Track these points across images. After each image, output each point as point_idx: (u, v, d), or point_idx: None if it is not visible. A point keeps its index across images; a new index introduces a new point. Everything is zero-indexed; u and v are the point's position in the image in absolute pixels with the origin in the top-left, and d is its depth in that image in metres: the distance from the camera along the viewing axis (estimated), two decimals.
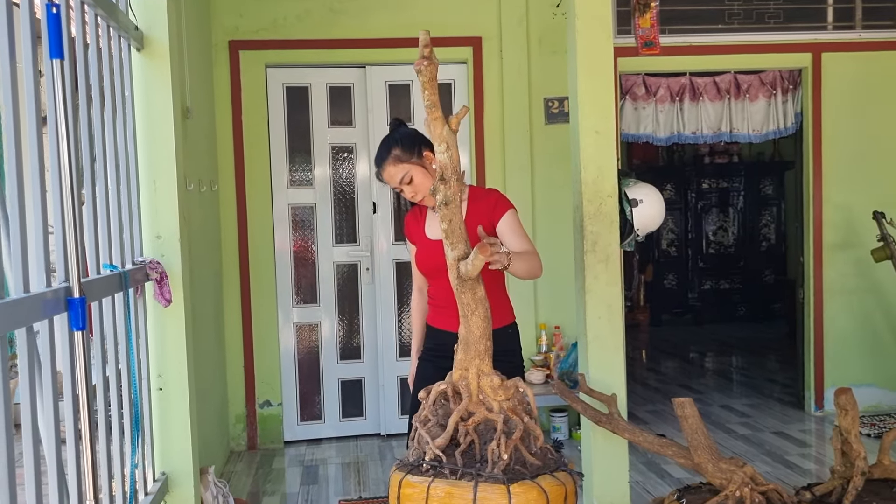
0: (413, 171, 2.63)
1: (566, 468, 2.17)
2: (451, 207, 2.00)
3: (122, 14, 2.76)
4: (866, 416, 5.04)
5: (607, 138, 3.24)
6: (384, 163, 2.66)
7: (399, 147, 2.64)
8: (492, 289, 2.68)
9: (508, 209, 2.66)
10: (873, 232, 4.91)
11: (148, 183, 3.04)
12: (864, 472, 2.75)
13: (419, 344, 2.89)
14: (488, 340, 2.15)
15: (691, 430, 2.83)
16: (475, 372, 2.15)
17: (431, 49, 1.91)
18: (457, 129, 2.01)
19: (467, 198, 2.73)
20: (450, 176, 1.99)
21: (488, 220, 2.65)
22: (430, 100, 1.94)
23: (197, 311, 3.67)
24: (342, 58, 4.94)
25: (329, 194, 5.04)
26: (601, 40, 3.24)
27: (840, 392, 2.86)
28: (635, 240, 3.41)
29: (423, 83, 1.93)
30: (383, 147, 2.69)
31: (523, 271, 2.49)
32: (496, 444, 2.03)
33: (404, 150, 2.63)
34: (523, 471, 2.05)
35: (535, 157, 5.05)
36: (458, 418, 2.12)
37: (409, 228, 2.83)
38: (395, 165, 2.63)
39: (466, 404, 2.14)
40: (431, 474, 2.06)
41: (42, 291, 1.90)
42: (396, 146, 2.64)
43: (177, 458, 3.11)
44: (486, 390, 2.13)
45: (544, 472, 2.08)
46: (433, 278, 2.73)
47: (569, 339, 4.94)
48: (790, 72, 5.28)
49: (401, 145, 2.64)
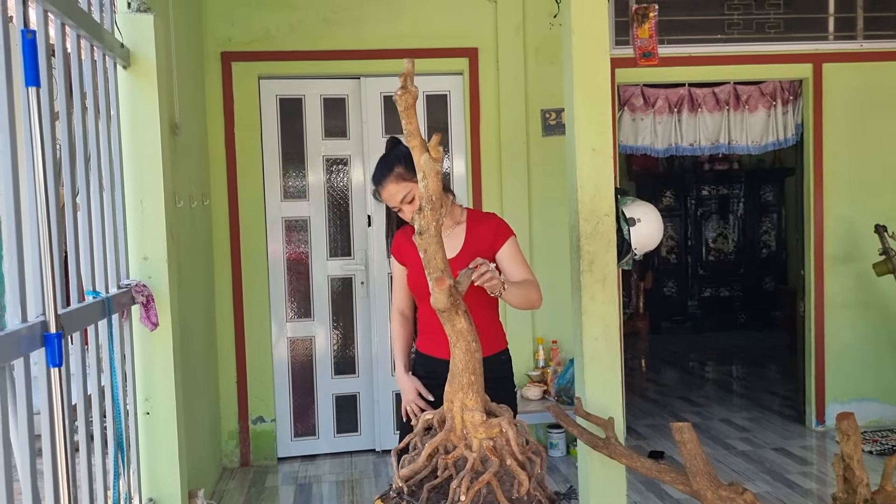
0: (415, 190, 2.53)
1: None
2: (426, 237, 1.94)
3: (106, 33, 2.70)
4: (868, 432, 4.97)
5: (604, 156, 3.17)
6: (385, 181, 2.56)
7: (402, 165, 2.55)
8: (484, 315, 2.62)
9: (510, 236, 2.61)
10: (875, 245, 4.85)
11: (135, 203, 2.98)
12: (867, 499, 2.69)
13: (407, 361, 2.77)
14: (472, 374, 2.07)
15: (690, 455, 2.77)
16: (459, 405, 2.08)
17: (409, 78, 1.86)
18: (439, 158, 1.94)
19: (465, 220, 2.67)
20: (425, 206, 1.92)
21: (489, 247, 2.59)
22: (407, 129, 1.88)
23: (187, 330, 3.61)
24: (336, 69, 4.87)
25: (323, 207, 4.98)
26: (597, 56, 3.17)
27: (842, 417, 2.80)
28: (633, 259, 3.34)
29: (401, 112, 1.90)
30: (384, 165, 2.59)
31: (520, 299, 2.42)
32: (457, 483, 1.96)
33: (407, 168, 2.54)
34: None
35: (532, 169, 4.98)
36: (431, 450, 2.06)
37: (399, 248, 2.73)
38: (398, 184, 2.55)
39: (445, 437, 2.07)
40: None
41: (17, 328, 1.83)
42: (399, 164, 2.55)
43: (164, 483, 3.05)
44: (468, 425, 2.06)
45: None
46: (425, 301, 2.66)
47: (566, 354, 4.88)
48: (790, 82, 5.22)
49: (403, 163, 2.55)
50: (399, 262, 2.73)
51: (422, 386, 2.67)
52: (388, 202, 2.60)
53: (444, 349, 2.47)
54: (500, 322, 2.71)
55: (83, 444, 2.35)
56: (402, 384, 2.74)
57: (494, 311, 2.68)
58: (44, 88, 2.02)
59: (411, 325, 2.82)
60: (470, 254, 2.54)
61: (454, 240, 2.61)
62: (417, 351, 2.75)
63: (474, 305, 2.47)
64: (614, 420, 3.06)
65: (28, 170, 1.97)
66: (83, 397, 2.40)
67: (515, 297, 2.37)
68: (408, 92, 1.88)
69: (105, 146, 2.71)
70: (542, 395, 4.74)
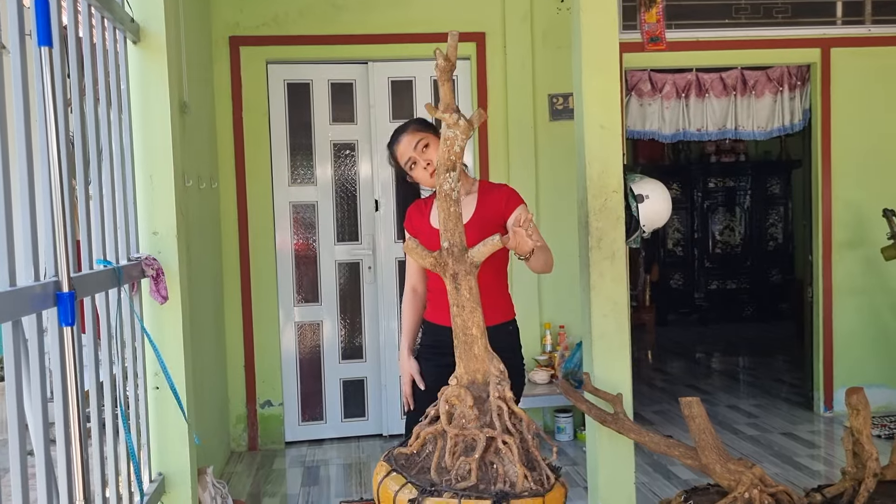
0: (430, 139, 2.66)
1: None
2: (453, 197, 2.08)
3: (117, 6, 2.70)
4: (877, 417, 4.96)
5: (613, 133, 3.17)
6: (401, 134, 2.68)
7: (416, 123, 2.72)
8: (493, 284, 2.63)
9: (520, 203, 2.64)
10: (883, 230, 4.84)
11: (144, 178, 2.98)
12: (876, 473, 2.68)
13: (412, 341, 2.82)
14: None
15: (699, 430, 2.76)
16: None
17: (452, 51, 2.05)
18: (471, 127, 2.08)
19: (477, 190, 2.71)
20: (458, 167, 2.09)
21: (500, 213, 2.62)
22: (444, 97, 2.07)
23: (196, 310, 3.62)
24: (344, 54, 4.88)
25: (331, 192, 4.99)
26: (606, 33, 3.18)
27: (851, 391, 2.79)
28: (641, 236, 3.34)
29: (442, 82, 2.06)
30: (401, 126, 2.74)
31: (540, 263, 2.45)
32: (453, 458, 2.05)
33: (421, 124, 2.72)
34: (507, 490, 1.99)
35: (540, 155, 4.99)
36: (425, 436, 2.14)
37: (411, 220, 2.78)
38: (413, 134, 2.66)
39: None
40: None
41: (30, 285, 1.84)
42: (413, 124, 2.72)
43: (174, 459, 3.05)
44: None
45: None
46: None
47: (574, 339, 4.87)
48: (798, 68, 5.21)
49: (417, 122, 2.73)
50: (411, 234, 2.75)
51: (418, 373, 2.74)
52: (403, 155, 2.66)
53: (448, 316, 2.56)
54: (508, 292, 2.73)
55: (95, 415, 2.36)
56: (403, 367, 2.81)
57: (503, 280, 2.69)
58: (56, 51, 2.02)
59: (422, 303, 2.84)
60: (481, 220, 2.57)
61: (466, 207, 2.64)
62: (427, 321, 2.76)
63: (483, 273, 2.50)
64: (622, 395, 3.06)
65: (41, 131, 1.98)
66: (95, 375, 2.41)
67: (537, 260, 2.39)
68: (449, 63, 2.02)
69: (115, 120, 2.72)
70: (550, 379, 4.74)
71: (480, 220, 2.59)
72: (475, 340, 2.16)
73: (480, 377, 2.15)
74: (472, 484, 1.99)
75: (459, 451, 2.07)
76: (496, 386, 2.09)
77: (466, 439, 2.07)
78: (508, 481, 1.99)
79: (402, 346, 2.84)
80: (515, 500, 1.95)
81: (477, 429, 2.05)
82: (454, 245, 2.16)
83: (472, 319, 2.15)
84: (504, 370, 2.13)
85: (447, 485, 2.01)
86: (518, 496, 1.95)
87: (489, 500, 1.94)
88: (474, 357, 2.16)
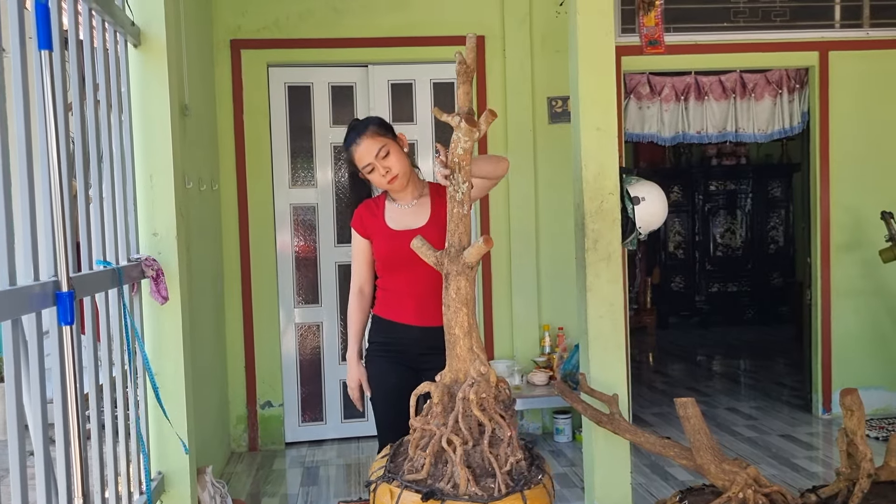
0: (390, 146, 2.66)
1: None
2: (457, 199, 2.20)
3: (117, 9, 2.73)
4: (875, 419, 4.97)
5: (609, 135, 3.20)
6: (361, 136, 2.66)
7: (375, 125, 2.69)
8: None
9: None
10: (881, 232, 4.85)
11: (145, 179, 3.01)
12: (870, 474, 2.69)
13: (360, 346, 2.86)
14: None
15: (693, 430, 2.78)
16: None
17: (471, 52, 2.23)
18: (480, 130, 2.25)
19: (429, 192, 2.77)
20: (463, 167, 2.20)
21: None
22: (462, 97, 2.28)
23: (196, 311, 3.65)
24: (344, 57, 4.91)
25: (331, 194, 5.02)
26: (602, 35, 3.20)
27: (846, 393, 2.81)
28: (638, 238, 3.36)
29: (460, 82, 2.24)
30: (358, 125, 2.72)
31: (489, 165, 2.54)
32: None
33: (381, 127, 2.70)
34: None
35: (539, 157, 5.01)
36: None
37: (362, 221, 2.79)
38: (374, 139, 2.65)
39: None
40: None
41: (29, 284, 1.87)
42: (373, 124, 2.70)
43: (173, 458, 3.07)
44: None
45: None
46: (398, 270, 2.71)
47: (572, 341, 4.89)
48: (797, 71, 5.23)
49: (376, 124, 2.70)
50: (362, 236, 2.79)
51: (366, 381, 2.81)
52: (363, 159, 2.66)
53: (405, 314, 2.67)
54: None
55: (94, 415, 2.39)
56: (352, 370, 2.84)
57: None
58: (56, 55, 2.06)
59: (368, 304, 2.87)
60: (439, 219, 2.65)
61: (421, 209, 2.73)
62: (380, 318, 2.79)
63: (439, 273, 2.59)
64: (618, 396, 3.08)
65: (41, 133, 2.01)
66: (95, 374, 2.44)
67: (482, 166, 2.49)
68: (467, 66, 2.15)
69: (116, 122, 2.75)
70: (549, 380, 4.76)
71: (438, 219, 2.66)
72: (458, 340, 2.20)
73: (462, 376, 2.18)
74: (420, 478, 2.04)
75: (423, 444, 2.13)
76: (466, 387, 2.12)
77: (426, 434, 2.12)
78: (453, 482, 2.02)
79: (352, 350, 2.86)
80: (453, 501, 1.98)
81: (436, 426, 2.10)
82: (452, 245, 2.20)
83: (455, 319, 2.20)
84: (485, 373, 2.16)
85: (401, 475, 2.09)
86: (456, 498, 1.98)
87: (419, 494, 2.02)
88: (456, 356, 2.20)
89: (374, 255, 2.78)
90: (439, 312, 2.64)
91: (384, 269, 2.76)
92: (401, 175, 2.66)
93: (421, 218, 2.71)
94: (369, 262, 2.81)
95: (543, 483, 2.14)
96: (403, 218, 2.73)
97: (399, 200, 2.76)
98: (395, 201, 2.76)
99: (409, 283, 2.68)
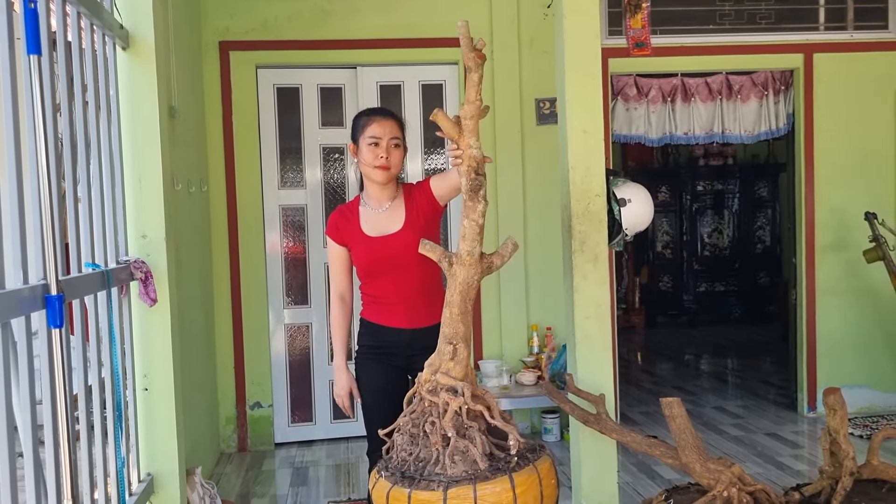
0: (401, 142, 2.76)
1: None
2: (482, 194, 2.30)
3: (106, 12, 2.74)
4: (859, 418, 5.03)
5: (595, 138, 3.22)
6: (387, 118, 2.75)
7: (402, 122, 2.82)
8: (438, 284, 2.73)
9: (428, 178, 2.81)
10: (865, 232, 4.91)
11: (133, 182, 3.02)
12: (852, 472, 2.73)
13: (345, 353, 2.88)
14: None
15: (679, 429, 2.81)
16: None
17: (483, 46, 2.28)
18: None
19: (402, 194, 2.80)
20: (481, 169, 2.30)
21: (427, 203, 2.74)
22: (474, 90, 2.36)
23: (185, 312, 3.65)
24: (333, 58, 4.92)
25: (320, 195, 5.03)
26: (589, 38, 3.22)
27: (828, 392, 2.84)
28: (624, 239, 3.39)
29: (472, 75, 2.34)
30: (389, 111, 2.83)
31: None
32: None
33: (404, 127, 2.82)
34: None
35: (527, 159, 5.04)
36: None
37: (337, 228, 2.80)
38: (397, 127, 2.75)
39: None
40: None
41: (18, 288, 1.88)
42: (398, 117, 2.81)
43: (162, 459, 3.09)
44: None
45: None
46: (381, 276, 2.73)
47: (560, 341, 4.92)
48: (782, 72, 5.28)
49: (403, 122, 2.84)
50: (338, 244, 2.81)
51: (356, 387, 2.85)
52: (376, 133, 2.70)
53: (395, 318, 2.70)
54: None
55: (83, 416, 2.40)
56: (340, 377, 2.87)
57: None
58: (45, 59, 2.06)
59: (350, 311, 2.90)
60: (414, 219, 2.71)
61: (395, 212, 2.76)
62: (369, 322, 2.81)
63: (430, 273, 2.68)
64: (605, 396, 3.11)
65: (29, 139, 2.02)
66: (83, 376, 2.45)
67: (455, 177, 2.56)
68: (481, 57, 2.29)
69: (105, 125, 2.76)
70: (537, 380, 4.79)
71: (414, 220, 2.71)
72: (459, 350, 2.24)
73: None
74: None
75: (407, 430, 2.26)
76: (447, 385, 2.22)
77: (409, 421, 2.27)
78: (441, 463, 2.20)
79: (339, 359, 2.87)
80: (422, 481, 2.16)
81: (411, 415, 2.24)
82: (471, 254, 2.25)
83: (456, 327, 2.24)
84: (474, 377, 2.21)
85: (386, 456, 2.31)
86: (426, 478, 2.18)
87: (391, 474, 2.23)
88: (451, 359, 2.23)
89: (354, 262, 2.81)
90: (429, 312, 2.67)
91: (366, 275, 2.78)
92: (392, 171, 2.72)
93: (396, 222, 2.73)
94: (347, 269, 2.84)
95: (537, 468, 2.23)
96: (379, 223, 2.75)
97: (373, 203, 2.78)
98: (369, 205, 2.79)
99: (396, 287, 2.71)
